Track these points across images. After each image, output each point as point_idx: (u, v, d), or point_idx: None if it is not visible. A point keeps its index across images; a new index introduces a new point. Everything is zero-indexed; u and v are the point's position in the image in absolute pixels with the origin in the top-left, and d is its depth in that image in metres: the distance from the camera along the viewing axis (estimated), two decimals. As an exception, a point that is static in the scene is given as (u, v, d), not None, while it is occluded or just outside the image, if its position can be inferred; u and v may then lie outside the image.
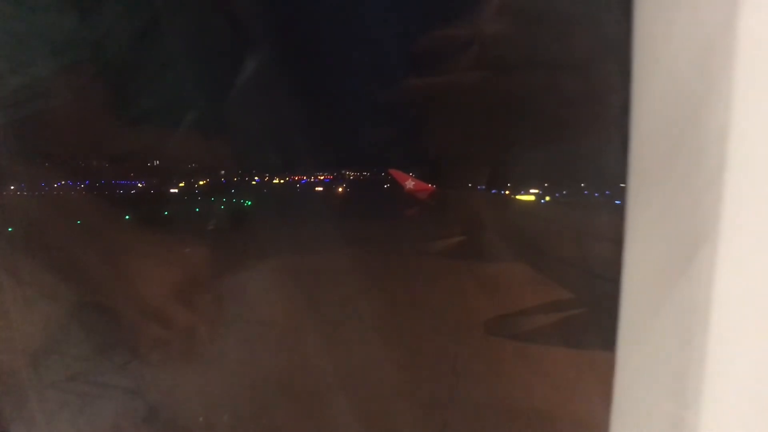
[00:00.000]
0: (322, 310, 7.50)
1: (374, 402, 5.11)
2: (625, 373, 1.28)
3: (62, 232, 5.13)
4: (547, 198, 13.64)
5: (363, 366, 5.86)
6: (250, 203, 20.98)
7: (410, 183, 16.21)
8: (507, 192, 13.62)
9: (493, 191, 13.68)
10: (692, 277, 1.10)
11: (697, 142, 1.08)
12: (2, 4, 4.27)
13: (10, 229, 4.61)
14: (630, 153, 1.21)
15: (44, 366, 4.67)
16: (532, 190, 13.77)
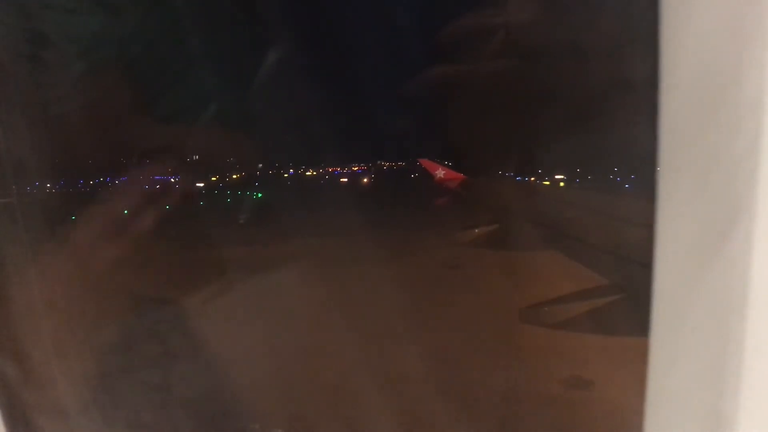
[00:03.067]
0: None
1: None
2: (659, 360, 1.25)
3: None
4: (561, 184, 13.65)
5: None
6: (260, 195, 21.50)
7: (440, 172, 16.12)
8: (533, 179, 13.56)
9: (518, 178, 13.59)
10: (727, 258, 1.06)
11: (730, 119, 1.05)
12: (29, 6, 4.37)
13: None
14: (660, 132, 1.17)
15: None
16: (557, 176, 13.74)
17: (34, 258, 3.35)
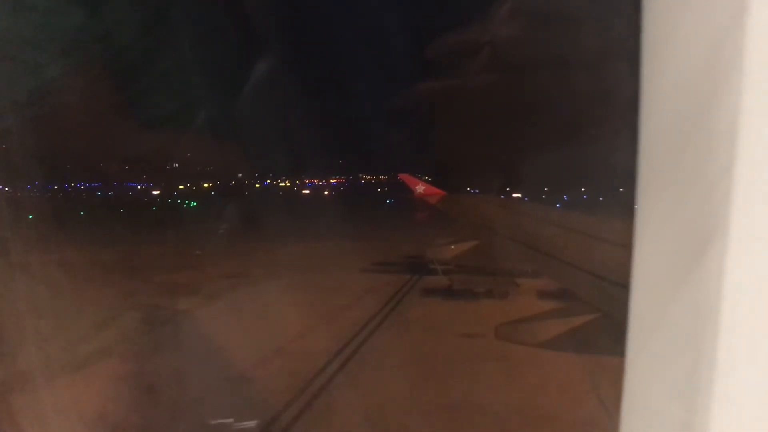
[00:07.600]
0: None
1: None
2: (635, 375, 1.27)
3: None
4: (541, 201, 14.04)
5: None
6: (195, 204, 21.85)
7: (420, 188, 16.15)
8: (515, 196, 13.76)
9: (501, 195, 13.74)
10: (701, 277, 1.08)
11: (706, 141, 1.07)
12: (18, 8, 4.34)
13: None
14: (639, 152, 1.20)
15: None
16: (537, 193, 14.07)
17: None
